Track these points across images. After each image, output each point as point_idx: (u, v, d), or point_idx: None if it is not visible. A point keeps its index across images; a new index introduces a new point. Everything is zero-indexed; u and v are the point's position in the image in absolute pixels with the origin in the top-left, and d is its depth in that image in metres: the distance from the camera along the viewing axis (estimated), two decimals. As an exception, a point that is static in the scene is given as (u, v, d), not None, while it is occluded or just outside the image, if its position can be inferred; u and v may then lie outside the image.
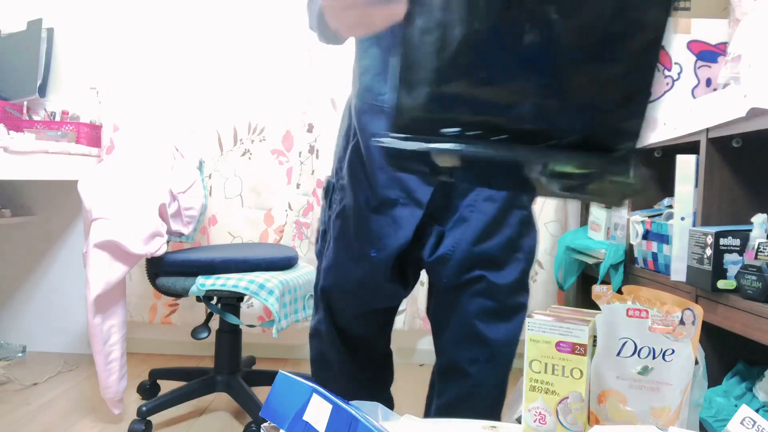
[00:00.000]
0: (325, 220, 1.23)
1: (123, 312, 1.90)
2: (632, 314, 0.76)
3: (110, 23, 2.54)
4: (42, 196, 2.64)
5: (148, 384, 2.17)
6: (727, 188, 1.42)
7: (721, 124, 1.33)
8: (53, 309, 2.66)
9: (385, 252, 1.12)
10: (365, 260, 1.13)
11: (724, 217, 1.42)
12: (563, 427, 0.76)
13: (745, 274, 1.21)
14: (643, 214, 1.72)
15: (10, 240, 2.66)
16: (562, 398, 0.76)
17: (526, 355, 0.78)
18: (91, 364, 2.12)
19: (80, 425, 1.91)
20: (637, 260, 1.74)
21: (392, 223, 1.11)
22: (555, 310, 0.83)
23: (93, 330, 1.81)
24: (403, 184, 1.10)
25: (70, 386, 2.26)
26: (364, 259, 1.13)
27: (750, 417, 0.65)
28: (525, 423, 0.78)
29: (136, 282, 2.58)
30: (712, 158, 1.41)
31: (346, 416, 0.59)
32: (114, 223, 1.81)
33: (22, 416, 1.97)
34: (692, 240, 1.37)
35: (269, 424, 0.66)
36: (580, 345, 0.75)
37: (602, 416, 0.77)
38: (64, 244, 2.66)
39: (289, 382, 0.67)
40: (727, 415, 1.26)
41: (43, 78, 2.52)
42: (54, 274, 2.66)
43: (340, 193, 1.17)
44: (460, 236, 1.11)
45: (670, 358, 0.75)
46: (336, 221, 1.17)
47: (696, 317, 0.75)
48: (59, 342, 2.67)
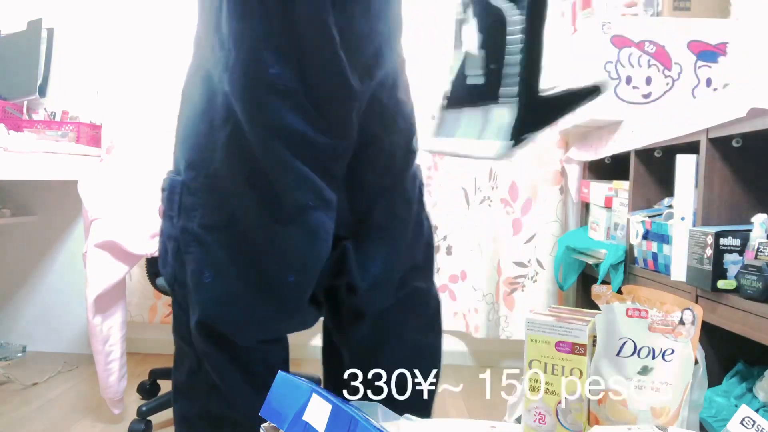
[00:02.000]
0: (172, 233, 0.89)
1: (123, 312, 1.90)
2: (632, 314, 0.76)
3: (110, 23, 2.54)
4: (42, 196, 2.64)
5: (148, 384, 2.17)
6: (727, 188, 1.42)
7: (721, 124, 1.33)
8: (53, 309, 2.66)
9: (305, 274, 0.89)
10: (279, 288, 0.88)
11: (724, 217, 1.42)
12: (563, 427, 0.76)
13: (745, 274, 1.21)
14: (643, 214, 1.72)
15: (10, 240, 2.66)
16: (562, 398, 0.76)
17: (526, 355, 0.78)
18: (91, 364, 2.12)
19: (80, 425, 1.91)
20: (637, 260, 1.74)
21: (308, 234, 0.86)
22: (555, 310, 0.83)
23: (93, 330, 1.81)
24: (309, 182, 0.85)
25: (70, 386, 2.26)
26: (278, 287, 0.88)
27: (750, 417, 0.65)
28: (525, 423, 0.78)
29: (136, 282, 2.58)
30: (712, 158, 1.41)
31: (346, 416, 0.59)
32: (114, 223, 1.82)
33: (22, 416, 1.97)
34: (692, 240, 1.37)
35: (269, 424, 0.66)
36: (580, 345, 0.75)
37: (602, 416, 0.77)
38: (64, 244, 2.66)
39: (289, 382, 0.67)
40: (727, 415, 1.25)
41: (43, 78, 2.52)
42: (54, 274, 2.66)
43: (204, 196, 0.87)
44: (391, 252, 0.96)
45: (670, 358, 0.75)
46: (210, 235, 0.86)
47: (696, 317, 0.75)
48: (59, 342, 2.67)
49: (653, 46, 1.84)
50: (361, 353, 1.02)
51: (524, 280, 2.48)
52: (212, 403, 0.94)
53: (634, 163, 1.81)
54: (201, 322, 0.88)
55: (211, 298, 0.87)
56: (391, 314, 1.00)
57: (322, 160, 0.87)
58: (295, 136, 0.84)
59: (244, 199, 0.86)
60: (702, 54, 1.83)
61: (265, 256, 0.87)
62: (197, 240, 0.87)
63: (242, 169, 0.85)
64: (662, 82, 1.84)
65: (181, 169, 0.89)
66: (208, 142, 0.86)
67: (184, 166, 0.88)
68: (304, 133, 0.84)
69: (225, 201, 0.86)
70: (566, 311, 0.83)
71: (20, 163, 1.86)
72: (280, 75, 0.81)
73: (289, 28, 0.80)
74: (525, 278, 2.48)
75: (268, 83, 0.81)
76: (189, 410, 0.96)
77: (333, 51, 0.82)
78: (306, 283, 0.90)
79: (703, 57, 1.83)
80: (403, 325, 1.02)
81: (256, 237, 0.86)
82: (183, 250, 0.88)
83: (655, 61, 1.84)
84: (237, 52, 0.81)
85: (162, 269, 0.93)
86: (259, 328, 0.91)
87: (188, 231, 0.87)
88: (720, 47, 1.82)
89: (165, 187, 0.92)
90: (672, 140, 1.57)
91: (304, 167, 0.84)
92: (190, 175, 0.87)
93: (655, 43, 1.83)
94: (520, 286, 2.48)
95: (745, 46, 1.82)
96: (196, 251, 0.87)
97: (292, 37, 0.81)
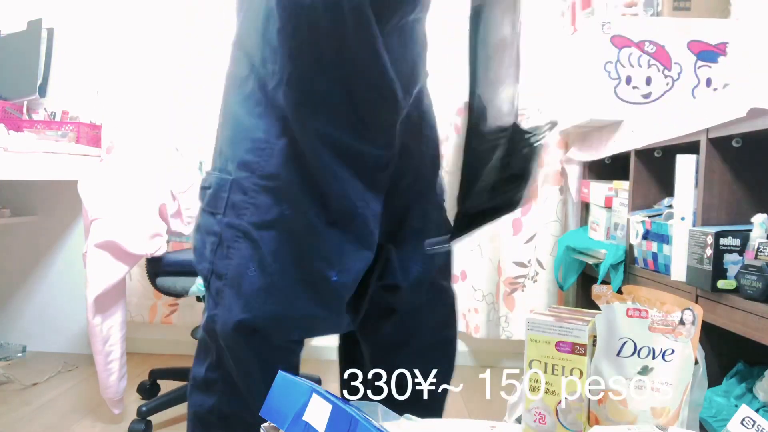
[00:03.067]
0: (214, 229, 0.93)
1: (123, 312, 1.90)
2: (632, 314, 0.76)
3: (110, 23, 2.54)
4: (42, 196, 2.64)
5: (148, 384, 2.17)
6: (727, 188, 1.42)
7: (721, 124, 1.33)
8: (53, 309, 2.66)
9: (348, 275, 0.92)
10: (322, 285, 0.91)
11: (724, 217, 1.42)
12: (563, 427, 0.76)
13: (745, 274, 1.21)
14: (643, 214, 1.72)
15: (10, 240, 2.66)
16: (562, 398, 0.76)
17: (526, 355, 0.78)
18: (91, 364, 2.12)
19: (80, 425, 1.91)
20: (637, 260, 1.74)
21: (354, 238, 0.92)
22: (555, 310, 0.83)
23: (93, 330, 1.81)
24: (357, 190, 0.92)
25: (70, 386, 2.26)
26: (322, 283, 0.91)
27: (750, 417, 0.65)
28: (525, 423, 0.78)
29: (136, 282, 2.58)
30: (712, 158, 1.41)
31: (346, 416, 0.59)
32: (114, 223, 1.82)
33: (22, 416, 1.97)
34: (692, 240, 1.37)
35: (269, 424, 0.66)
36: (580, 345, 0.75)
37: (602, 416, 0.77)
38: (64, 244, 2.66)
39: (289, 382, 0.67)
40: (727, 415, 1.26)
41: (43, 78, 2.52)
42: (54, 274, 2.66)
43: (256, 195, 0.90)
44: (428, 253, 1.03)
45: (670, 358, 0.75)
46: (259, 232, 0.89)
47: (696, 317, 0.75)
48: (59, 342, 2.67)
49: (653, 46, 1.84)
50: (387, 348, 1.07)
51: (524, 280, 2.48)
52: (226, 401, 0.95)
53: (634, 163, 1.81)
54: (240, 319, 0.89)
55: (254, 291, 0.89)
56: (419, 311, 1.07)
57: (370, 169, 0.93)
58: (342, 147, 0.90)
59: (296, 201, 0.90)
60: (702, 54, 1.83)
61: (312, 255, 0.90)
62: (246, 236, 0.90)
63: (296, 174, 0.89)
64: (662, 82, 1.84)
65: (231, 169, 0.92)
66: (266, 147, 0.90)
67: (236, 166, 0.91)
68: (350, 144, 0.90)
69: (277, 201, 0.90)
70: (566, 311, 0.83)
71: (20, 163, 1.86)
72: (330, 92, 0.87)
73: (339, 51, 0.86)
74: (525, 278, 2.48)
75: (318, 100, 0.88)
76: (202, 405, 0.97)
77: (382, 71, 0.88)
78: (348, 284, 0.93)
79: (703, 57, 1.83)
80: (428, 320, 1.09)
81: (304, 237, 0.90)
82: (228, 245, 0.90)
83: (655, 61, 1.84)
84: (291, 70, 0.87)
85: (198, 264, 0.96)
86: (297, 325, 0.93)
87: (235, 227, 0.90)
88: (720, 47, 1.82)
89: (210, 184, 0.95)
90: (672, 140, 1.57)
91: (353, 176, 0.91)
92: (243, 174, 0.90)
93: (655, 43, 1.83)
94: (520, 286, 2.49)
95: (745, 46, 1.82)
96: (244, 247, 0.90)
97: (343, 59, 0.87)
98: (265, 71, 0.90)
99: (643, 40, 1.84)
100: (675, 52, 1.83)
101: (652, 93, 1.85)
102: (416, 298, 1.06)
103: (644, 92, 1.85)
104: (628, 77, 1.85)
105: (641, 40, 1.84)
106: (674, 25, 1.84)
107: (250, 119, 0.91)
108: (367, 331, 1.09)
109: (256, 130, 0.91)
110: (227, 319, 0.91)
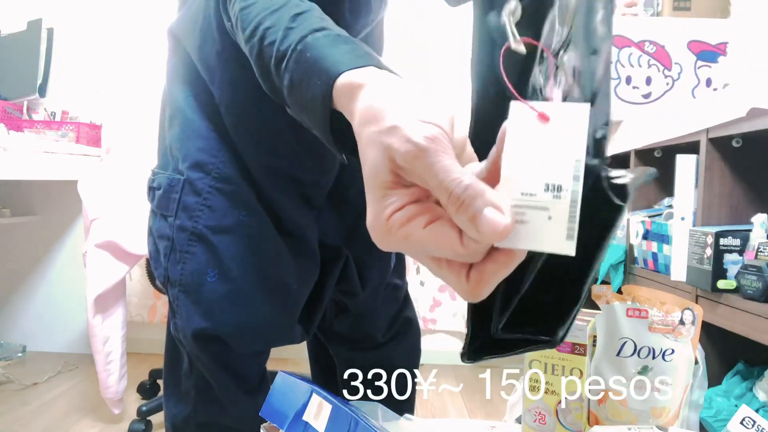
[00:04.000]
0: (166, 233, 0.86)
1: (123, 312, 1.90)
2: (632, 314, 0.76)
3: (110, 23, 2.54)
4: (42, 196, 2.64)
5: (148, 384, 2.17)
6: (727, 188, 1.42)
7: (721, 124, 1.33)
8: (53, 309, 2.66)
9: (303, 285, 0.89)
10: (284, 292, 0.87)
11: (724, 217, 1.42)
12: (563, 427, 0.76)
13: (745, 274, 1.21)
14: (643, 214, 1.72)
15: (10, 240, 2.66)
16: (562, 398, 0.76)
17: (526, 354, 0.78)
18: (91, 364, 2.12)
19: (80, 425, 1.91)
20: (637, 260, 1.74)
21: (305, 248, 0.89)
22: (555, 310, 0.83)
23: (93, 330, 1.81)
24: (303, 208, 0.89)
25: (70, 386, 2.26)
26: (283, 290, 0.87)
27: (750, 417, 0.65)
28: (525, 423, 0.78)
29: (136, 282, 2.58)
30: (712, 158, 1.41)
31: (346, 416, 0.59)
32: (114, 223, 1.82)
33: (22, 416, 1.97)
34: (692, 240, 1.37)
35: (269, 424, 0.66)
36: (580, 345, 0.75)
37: (602, 416, 0.77)
38: (64, 244, 2.66)
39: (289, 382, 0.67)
40: (727, 415, 1.26)
41: (43, 78, 2.52)
42: (54, 274, 2.66)
43: (211, 198, 0.83)
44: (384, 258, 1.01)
45: (670, 358, 0.75)
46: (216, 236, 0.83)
47: (696, 317, 0.75)
48: (59, 342, 2.67)
49: (653, 46, 1.84)
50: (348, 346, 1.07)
51: (524, 280, 2.48)
52: (202, 409, 0.92)
53: (634, 163, 1.81)
54: (201, 327, 0.84)
55: (216, 298, 0.84)
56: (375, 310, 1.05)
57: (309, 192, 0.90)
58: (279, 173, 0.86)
59: (253, 207, 0.85)
60: (702, 54, 1.83)
61: (271, 262, 0.86)
62: (201, 240, 0.84)
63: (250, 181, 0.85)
64: (662, 82, 1.84)
65: (183, 168, 0.85)
66: (221, 148, 0.84)
67: (188, 165, 0.85)
68: (287, 171, 0.86)
69: (234, 205, 0.84)
70: (566, 311, 0.83)
71: (20, 163, 1.86)
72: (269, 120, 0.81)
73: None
74: (525, 278, 2.48)
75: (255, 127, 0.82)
76: (178, 413, 0.93)
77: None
78: (304, 294, 0.90)
79: (703, 57, 1.83)
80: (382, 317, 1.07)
81: (263, 243, 0.85)
82: (181, 249, 0.84)
83: (655, 61, 1.84)
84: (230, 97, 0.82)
85: (155, 270, 0.90)
86: (260, 333, 0.88)
87: (188, 230, 0.84)
88: (720, 47, 1.82)
89: (159, 185, 0.88)
90: (672, 140, 1.57)
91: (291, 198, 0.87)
92: (196, 175, 0.84)
93: (655, 43, 1.83)
94: (520, 286, 2.48)
95: (745, 46, 1.82)
96: (200, 251, 0.84)
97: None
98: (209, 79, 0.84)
99: (643, 40, 1.84)
100: (675, 52, 1.83)
101: (652, 93, 1.85)
102: (374, 301, 1.04)
103: (644, 92, 1.86)
104: (628, 77, 1.85)
105: (641, 40, 1.84)
106: (674, 25, 1.84)
107: (201, 120, 0.85)
108: (325, 331, 1.08)
109: (208, 130, 0.84)
110: (186, 327, 0.86)
